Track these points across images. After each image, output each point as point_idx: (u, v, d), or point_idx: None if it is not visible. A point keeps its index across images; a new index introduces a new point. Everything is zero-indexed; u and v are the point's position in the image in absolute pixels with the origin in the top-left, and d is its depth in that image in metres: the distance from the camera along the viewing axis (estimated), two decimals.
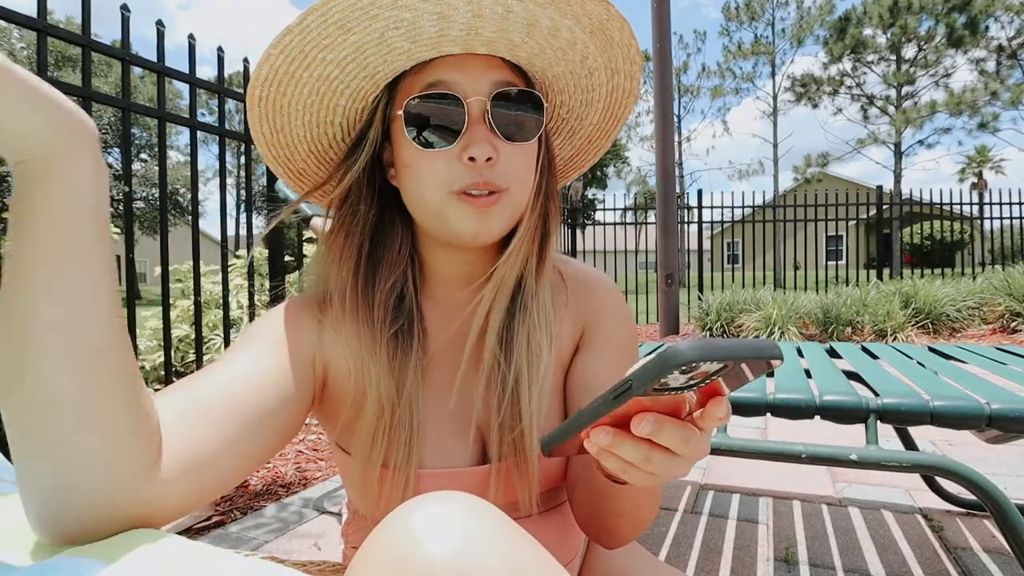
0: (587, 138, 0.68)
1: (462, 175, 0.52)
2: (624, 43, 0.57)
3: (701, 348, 0.29)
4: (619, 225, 8.22)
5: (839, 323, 5.41)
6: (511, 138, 0.54)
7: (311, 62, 0.52)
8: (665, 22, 5.39)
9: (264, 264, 2.58)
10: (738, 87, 24.54)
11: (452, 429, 0.58)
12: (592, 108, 0.64)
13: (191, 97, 2.03)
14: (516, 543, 0.35)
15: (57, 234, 0.34)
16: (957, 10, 17.31)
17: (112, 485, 0.36)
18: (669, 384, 0.31)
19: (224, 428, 0.44)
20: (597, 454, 0.38)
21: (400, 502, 0.54)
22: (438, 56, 0.54)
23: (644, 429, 0.35)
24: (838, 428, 2.49)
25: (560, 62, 0.57)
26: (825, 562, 1.39)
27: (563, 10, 0.52)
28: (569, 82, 0.60)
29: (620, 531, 0.55)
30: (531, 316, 0.57)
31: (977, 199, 8.38)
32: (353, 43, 0.51)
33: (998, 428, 0.88)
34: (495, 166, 0.53)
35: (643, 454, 0.36)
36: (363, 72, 0.54)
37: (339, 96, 0.56)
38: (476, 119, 0.53)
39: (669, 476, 0.39)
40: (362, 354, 0.55)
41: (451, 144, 0.52)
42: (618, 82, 0.61)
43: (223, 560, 0.34)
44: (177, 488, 0.40)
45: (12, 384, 0.34)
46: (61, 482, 0.35)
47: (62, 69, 20.59)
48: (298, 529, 1.62)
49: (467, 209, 0.53)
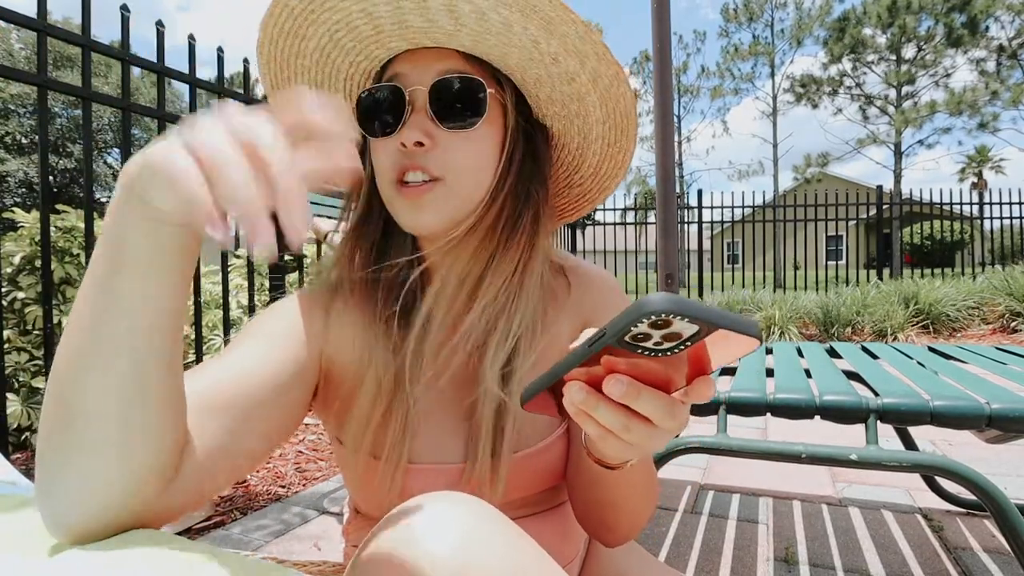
0: (594, 169, 0.66)
1: (398, 162, 0.54)
2: (564, 20, 0.51)
3: (675, 301, 0.28)
4: (619, 225, 8.22)
5: (839, 323, 5.41)
6: (450, 124, 0.53)
7: (294, 55, 0.58)
8: (665, 22, 5.39)
9: (264, 264, 2.58)
10: (737, 87, 24.56)
11: (446, 425, 0.58)
12: (591, 136, 0.62)
13: (191, 97, 2.04)
14: (515, 543, 0.35)
15: (173, 285, 0.36)
16: (957, 10, 17.31)
17: (131, 493, 0.36)
18: (643, 342, 0.31)
19: (222, 425, 0.44)
20: (575, 415, 0.38)
21: (389, 493, 0.54)
22: (397, 54, 0.57)
23: (615, 390, 0.34)
24: (838, 428, 2.49)
25: (510, 48, 0.54)
26: (825, 562, 1.39)
27: (509, 4, 0.50)
28: (547, 84, 0.58)
29: (617, 526, 0.55)
30: (515, 319, 0.56)
31: (977, 199, 8.38)
32: (312, 55, 0.57)
33: (998, 428, 0.88)
34: (429, 152, 0.53)
35: (621, 421, 0.36)
36: (336, 73, 0.60)
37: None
38: (418, 108, 0.54)
39: (646, 449, 0.39)
40: (366, 338, 0.56)
41: (392, 134, 0.54)
42: (605, 85, 0.57)
43: (222, 560, 0.34)
44: (179, 488, 0.40)
45: (71, 395, 0.35)
46: (84, 485, 0.35)
47: (62, 69, 20.61)
48: (298, 529, 1.62)
49: (404, 200, 0.54)
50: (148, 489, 0.37)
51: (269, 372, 0.50)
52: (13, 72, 1.51)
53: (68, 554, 0.34)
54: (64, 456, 0.35)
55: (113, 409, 0.35)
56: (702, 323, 0.29)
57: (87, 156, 1.71)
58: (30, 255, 2.52)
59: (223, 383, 0.46)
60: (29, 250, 2.52)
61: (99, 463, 0.35)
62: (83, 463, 0.35)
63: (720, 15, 23.28)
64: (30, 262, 2.53)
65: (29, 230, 2.54)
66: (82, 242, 2.56)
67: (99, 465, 0.35)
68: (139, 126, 22.97)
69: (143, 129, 23.33)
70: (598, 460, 0.48)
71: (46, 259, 1.58)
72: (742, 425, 2.68)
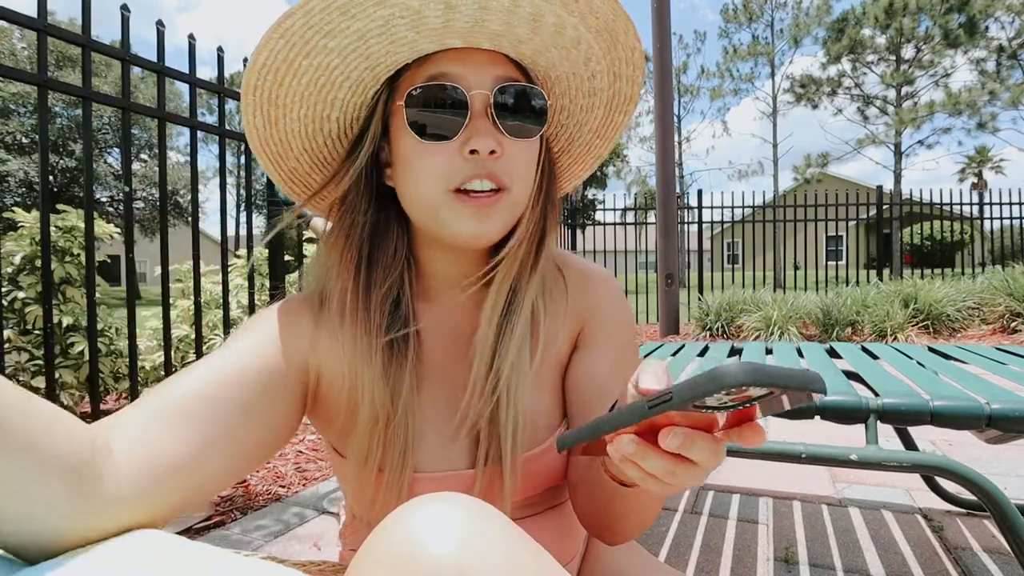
0: (586, 145, 0.66)
1: (462, 168, 0.51)
2: (629, 45, 0.56)
3: (754, 372, 0.28)
4: (619, 225, 8.22)
5: (839, 323, 5.41)
6: (514, 134, 0.52)
7: (312, 49, 0.50)
8: (665, 23, 5.39)
9: (264, 264, 2.58)
10: (737, 88, 24.54)
11: (448, 432, 0.57)
12: (592, 114, 0.63)
13: (191, 97, 2.04)
14: (515, 543, 0.35)
15: None
16: (955, 10, 17.30)
17: (56, 526, 0.36)
18: (707, 402, 0.31)
19: (201, 429, 0.44)
20: (620, 462, 0.38)
21: (396, 505, 0.54)
22: (441, 50, 0.53)
23: (672, 444, 0.34)
24: (838, 428, 2.49)
25: (564, 62, 0.56)
26: (825, 562, 1.39)
27: (569, 7, 0.51)
28: (572, 84, 0.59)
29: (623, 530, 0.55)
30: (519, 322, 0.56)
31: (977, 199, 8.38)
32: (356, 30, 0.49)
33: (998, 428, 0.88)
34: (498, 160, 0.51)
35: (669, 467, 0.36)
36: (364, 63, 0.52)
37: (338, 89, 0.54)
38: (479, 113, 0.51)
39: (686, 486, 0.39)
40: (357, 360, 0.54)
41: (452, 138, 0.51)
42: (620, 87, 0.60)
43: (222, 560, 0.34)
44: (152, 497, 0.40)
45: None
46: (10, 535, 0.35)
47: (62, 69, 20.60)
48: (298, 529, 1.62)
49: (466, 208, 0.51)
50: (73, 516, 0.37)
51: (251, 378, 0.49)
52: (13, 72, 1.51)
53: (69, 554, 0.34)
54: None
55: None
56: (776, 388, 0.29)
57: (87, 156, 1.71)
58: (30, 255, 2.52)
59: (199, 390, 0.46)
60: (29, 250, 2.52)
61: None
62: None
63: (720, 15, 23.28)
64: (30, 262, 2.53)
65: (29, 230, 2.54)
66: (82, 242, 2.56)
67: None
68: (139, 126, 22.99)
69: (143, 129, 23.34)
70: (615, 478, 0.47)
71: (46, 259, 1.58)
72: None
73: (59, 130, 21.22)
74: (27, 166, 20.11)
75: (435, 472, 0.56)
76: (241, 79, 0.55)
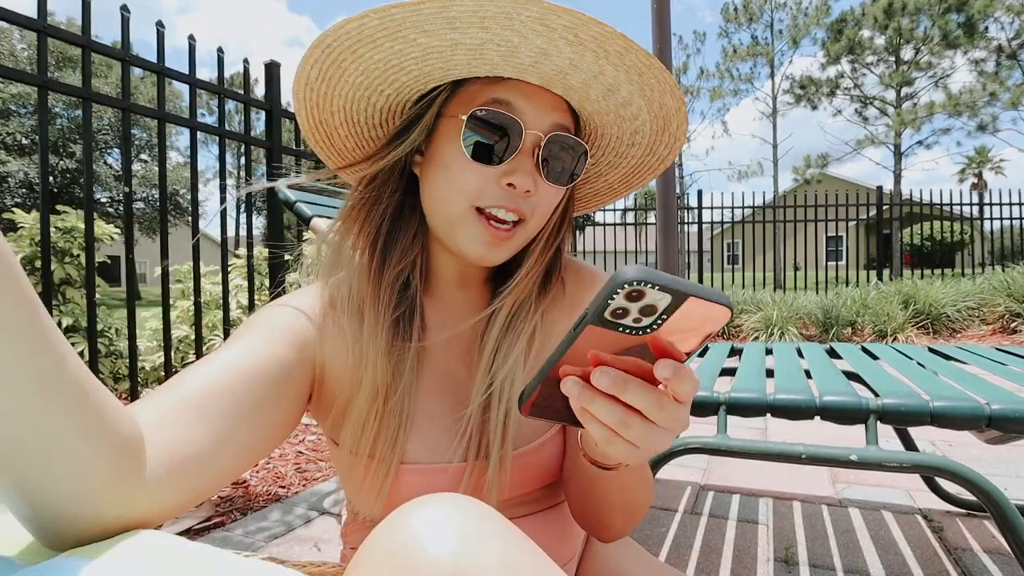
0: (595, 194, 0.72)
1: (494, 194, 0.54)
2: (675, 135, 0.61)
3: (647, 271, 0.31)
4: (619, 226, 8.23)
5: (839, 324, 5.41)
6: (550, 179, 0.56)
7: (400, 38, 0.51)
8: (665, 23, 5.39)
9: (264, 264, 2.58)
10: (737, 88, 24.55)
11: (442, 425, 0.58)
12: (615, 171, 0.68)
13: (191, 98, 2.04)
14: (514, 544, 0.35)
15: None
16: (954, 11, 17.30)
17: (94, 503, 0.36)
18: (623, 319, 0.33)
19: (212, 424, 0.44)
20: (579, 414, 0.39)
21: (380, 493, 0.54)
22: (515, 78, 0.55)
23: (602, 380, 0.36)
24: (838, 429, 2.49)
25: (615, 127, 0.61)
26: (825, 563, 1.39)
27: (647, 94, 0.56)
28: (611, 145, 0.64)
29: (612, 523, 0.56)
30: (521, 338, 0.59)
31: (977, 200, 8.38)
32: (451, 39, 0.50)
33: (998, 429, 0.88)
34: (529, 198, 0.55)
35: (618, 416, 0.37)
36: (441, 65, 0.54)
37: (401, 72, 0.55)
38: (527, 151, 0.54)
39: (650, 447, 0.39)
40: (363, 337, 0.55)
41: (495, 164, 0.54)
42: (649, 161, 0.65)
43: (222, 560, 0.34)
44: (167, 489, 0.40)
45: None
46: (41, 506, 0.35)
47: (63, 70, 20.61)
48: (298, 530, 1.62)
49: (485, 233, 0.54)
50: (108, 496, 0.36)
51: (259, 372, 0.49)
52: (14, 72, 1.51)
53: (68, 554, 0.34)
54: None
55: None
56: (673, 291, 0.31)
57: (87, 156, 1.71)
58: (30, 255, 2.52)
59: (211, 384, 0.46)
60: (29, 250, 2.52)
61: (32, 486, 0.34)
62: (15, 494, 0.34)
63: (720, 15, 23.30)
64: (30, 263, 2.53)
65: (29, 231, 2.54)
66: (82, 243, 2.57)
67: (35, 488, 0.34)
68: (139, 126, 22.99)
69: (143, 129, 23.35)
70: (594, 461, 0.49)
71: (46, 259, 1.58)
72: (742, 426, 2.68)
73: (59, 131, 21.23)
74: (27, 167, 20.11)
75: (425, 463, 0.56)
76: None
